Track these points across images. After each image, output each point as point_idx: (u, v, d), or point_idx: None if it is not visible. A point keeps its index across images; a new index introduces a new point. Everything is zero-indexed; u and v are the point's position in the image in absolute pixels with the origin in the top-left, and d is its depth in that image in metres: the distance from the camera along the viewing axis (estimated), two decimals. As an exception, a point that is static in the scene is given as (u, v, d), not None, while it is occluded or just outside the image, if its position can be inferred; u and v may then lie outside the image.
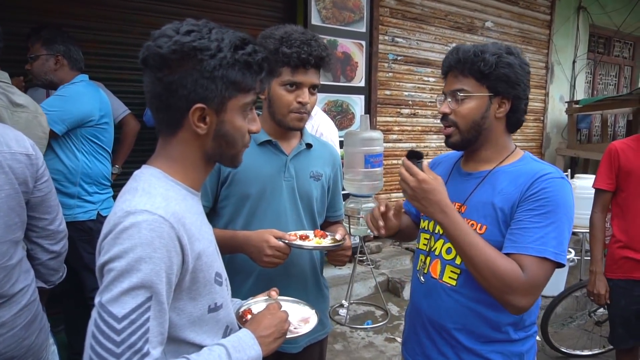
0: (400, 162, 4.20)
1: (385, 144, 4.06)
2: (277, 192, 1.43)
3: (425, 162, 1.18)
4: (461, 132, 1.25)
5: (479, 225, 1.23)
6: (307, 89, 1.37)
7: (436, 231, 1.34)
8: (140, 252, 0.75)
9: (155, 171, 0.88)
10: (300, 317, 1.15)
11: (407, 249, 4.69)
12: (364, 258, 4.06)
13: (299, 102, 1.36)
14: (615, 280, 2.25)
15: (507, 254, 1.15)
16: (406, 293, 3.90)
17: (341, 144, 3.81)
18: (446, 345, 1.29)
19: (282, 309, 1.02)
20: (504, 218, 1.20)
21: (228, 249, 1.34)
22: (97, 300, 0.76)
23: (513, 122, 1.29)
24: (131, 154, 2.99)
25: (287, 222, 1.44)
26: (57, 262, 1.51)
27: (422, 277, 1.38)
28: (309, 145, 1.50)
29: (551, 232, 1.13)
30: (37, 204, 1.36)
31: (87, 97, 2.24)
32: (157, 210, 0.79)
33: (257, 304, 1.15)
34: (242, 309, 1.11)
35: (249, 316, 1.06)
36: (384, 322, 3.52)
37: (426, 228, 1.40)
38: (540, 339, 3.36)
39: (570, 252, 3.95)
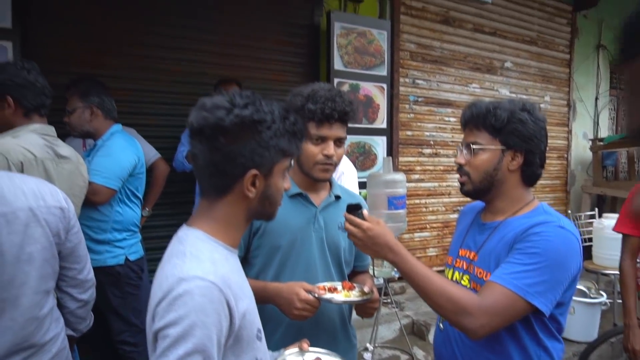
0: (423, 202, 4.19)
1: (407, 184, 4.08)
2: (307, 243, 1.46)
3: (365, 210, 1.26)
4: (473, 182, 1.32)
5: (485, 273, 1.27)
6: (332, 142, 1.42)
7: (454, 279, 1.38)
8: (194, 318, 0.78)
9: (199, 233, 0.93)
10: None
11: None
12: (388, 300, 4.00)
13: (325, 155, 1.41)
14: None
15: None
16: (431, 336, 3.80)
17: (363, 184, 3.87)
18: None
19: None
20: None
21: (259, 300, 1.36)
22: None
23: (528, 175, 1.32)
24: (160, 196, 3.09)
25: (316, 272, 1.46)
26: (85, 310, 1.54)
27: (441, 324, 1.43)
28: (337, 197, 1.54)
29: (530, 271, 1.14)
30: (68, 254, 1.41)
31: (129, 150, 2.35)
32: (208, 276, 0.82)
33: (291, 356, 1.17)
34: None
35: None
36: (410, 367, 3.43)
37: (445, 274, 1.44)
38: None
39: (602, 295, 3.82)
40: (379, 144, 4.21)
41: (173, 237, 0.97)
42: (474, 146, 1.30)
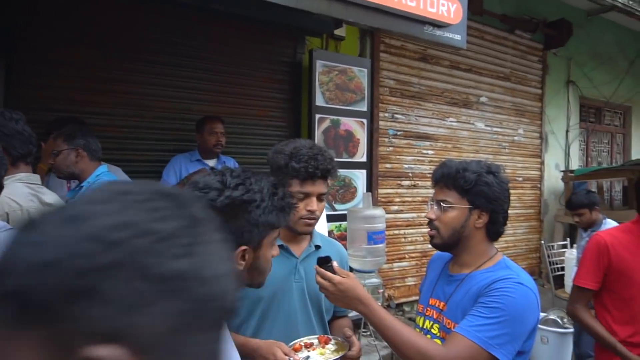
0: (402, 232, 4.28)
1: (387, 215, 4.18)
2: (288, 293, 1.51)
3: (335, 263, 1.32)
4: (442, 237, 1.43)
5: (453, 324, 1.35)
6: (315, 198, 1.50)
7: (425, 327, 1.47)
8: None
9: None
10: None
11: (410, 319, 4.67)
12: (367, 332, 4.05)
13: (308, 210, 1.48)
14: None
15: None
16: (411, 368, 3.86)
17: (344, 217, 3.93)
18: None
19: None
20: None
21: (240, 354, 1.42)
22: None
23: (493, 232, 1.44)
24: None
25: (296, 321, 1.52)
26: None
27: None
28: (317, 247, 1.62)
29: (492, 324, 1.24)
30: None
31: None
32: None
33: None
34: None
35: None
36: (389, 400, 3.46)
37: (416, 321, 1.53)
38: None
39: (569, 327, 3.94)
40: (359, 177, 4.32)
41: None
42: (443, 204, 1.42)
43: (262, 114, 3.94)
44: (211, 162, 3.33)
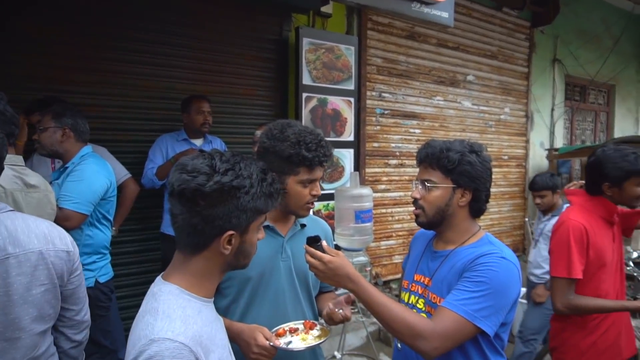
0: (389, 211, 4.32)
1: (374, 194, 4.21)
2: (276, 273, 1.53)
3: (324, 242, 1.34)
4: (427, 215, 1.46)
5: (439, 298, 1.39)
6: (318, 182, 1.51)
7: (410, 301, 1.51)
8: None
9: (173, 288, 0.98)
10: None
11: (397, 295, 4.76)
12: (355, 309, 4.12)
13: (313, 195, 1.49)
14: None
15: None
16: (397, 343, 3.95)
17: (331, 196, 3.95)
18: None
19: None
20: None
21: None
22: None
23: (475, 209, 1.48)
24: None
25: (285, 300, 1.53)
26: (78, 350, 1.55)
27: (399, 344, 1.55)
28: (303, 226, 1.63)
29: (477, 297, 1.28)
30: (68, 295, 1.42)
31: (102, 174, 2.35)
32: (178, 337, 0.88)
33: None
34: None
35: None
36: (376, 374, 3.55)
37: (401, 297, 1.57)
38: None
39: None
40: (347, 157, 4.32)
41: (148, 291, 1.02)
42: (428, 184, 1.45)
43: (248, 93, 3.90)
44: (198, 142, 3.30)
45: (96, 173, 2.32)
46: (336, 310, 1.48)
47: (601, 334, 1.97)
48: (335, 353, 3.77)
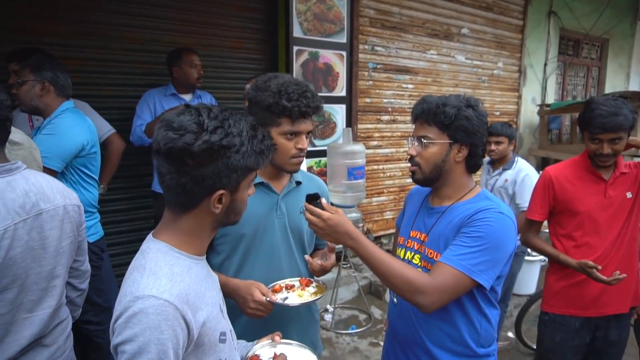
0: (381, 167, 4.29)
1: (366, 150, 4.18)
2: (270, 230, 1.51)
3: (323, 200, 1.32)
4: (423, 172, 1.44)
5: (436, 253, 1.41)
6: (304, 136, 1.46)
7: (406, 257, 1.51)
8: (148, 336, 0.83)
9: (162, 245, 0.96)
10: None
11: (388, 250, 4.83)
12: (347, 264, 4.18)
13: (298, 149, 1.45)
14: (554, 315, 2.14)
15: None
16: (388, 296, 4.05)
17: (324, 153, 3.90)
18: None
19: (282, 356, 1.13)
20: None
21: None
22: None
23: (472, 165, 1.46)
24: (117, 169, 3.01)
25: (279, 257, 1.53)
26: (81, 298, 1.64)
27: (395, 299, 1.57)
28: (298, 183, 1.60)
29: (475, 252, 1.30)
30: (78, 247, 1.50)
31: (77, 129, 2.23)
32: (163, 295, 0.86)
33: (263, 348, 1.25)
34: (249, 355, 1.20)
35: None
36: (368, 326, 3.66)
37: (397, 253, 1.57)
38: (513, 337, 3.56)
39: (536, 256, 4.16)
40: (339, 112, 4.25)
41: (139, 249, 1.00)
42: (424, 140, 1.42)
43: (236, 46, 3.74)
44: (187, 97, 3.19)
45: (70, 128, 2.20)
46: (315, 261, 1.50)
47: (575, 283, 2.07)
48: (328, 306, 3.86)
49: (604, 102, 1.92)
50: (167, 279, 0.90)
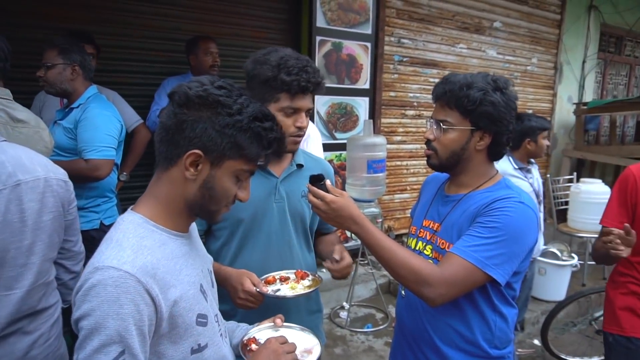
0: (404, 163, 4.15)
1: (389, 146, 4.05)
2: (269, 215, 1.45)
3: (328, 181, 1.25)
4: (440, 158, 1.34)
5: (448, 244, 1.30)
6: (304, 114, 1.40)
7: (417, 248, 1.41)
8: (106, 310, 0.77)
9: (137, 217, 0.91)
10: (304, 348, 1.16)
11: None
12: (365, 261, 4.07)
13: (298, 127, 1.38)
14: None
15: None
16: (407, 296, 3.93)
17: (344, 146, 3.82)
18: (424, 359, 1.37)
19: (282, 338, 1.06)
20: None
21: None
22: (74, 358, 0.79)
23: (494, 153, 1.34)
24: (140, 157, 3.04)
25: (278, 243, 1.47)
26: (75, 282, 1.55)
27: (403, 291, 1.48)
28: (299, 166, 1.52)
29: (490, 244, 1.19)
30: (68, 226, 1.43)
31: (113, 117, 2.32)
32: (123, 266, 0.80)
33: (261, 331, 1.18)
34: (245, 338, 1.15)
35: (253, 345, 1.10)
36: (384, 325, 3.55)
37: (408, 243, 1.48)
38: (539, 344, 3.38)
39: (574, 257, 3.94)
40: (361, 105, 4.15)
41: None
42: (444, 125, 1.30)
43: (258, 35, 3.69)
44: (204, 85, 3.17)
45: (108, 118, 2.28)
46: (334, 266, 1.40)
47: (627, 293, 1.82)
48: (344, 304, 3.77)
49: None
50: (131, 250, 0.84)
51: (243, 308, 1.32)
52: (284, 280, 1.40)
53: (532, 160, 3.00)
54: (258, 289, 1.30)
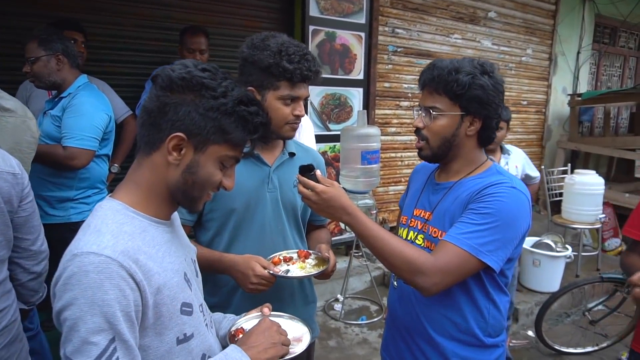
0: (399, 155, 4.10)
1: (383, 137, 4.01)
2: (261, 204, 1.42)
3: (318, 172, 1.23)
4: (431, 148, 1.31)
5: (440, 232, 1.29)
6: (302, 102, 1.38)
7: (409, 238, 1.39)
8: (90, 297, 0.74)
9: (116, 204, 0.87)
10: (293, 336, 1.14)
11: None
12: (360, 253, 4.05)
13: (296, 115, 1.36)
14: None
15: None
16: (402, 288, 3.92)
17: (338, 137, 3.78)
18: (418, 350, 1.36)
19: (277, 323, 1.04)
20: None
21: (214, 270, 1.36)
22: (62, 353, 0.74)
23: (484, 138, 1.33)
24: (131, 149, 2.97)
25: (271, 233, 1.44)
26: (38, 282, 1.48)
27: (395, 282, 1.46)
28: (292, 154, 1.49)
29: (483, 230, 1.18)
30: (21, 224, 1.35)
31: (101, 107, 2.26)
32: (104, 251, 0.77)
33: (249, 321, 1.15)
34: (233, 329, 1.12)
35: (241, 335, 1.07)
36: (379, 317, 3.54)
37: (399, 233, 1.46)
38: (533, 336, 3.38)
39: (568, 249, 3.94)
40: (355, 96, 4.10)
41: None
42: (433, 112, 1.28)
43: (250, 25, 3.63)
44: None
45: (95, 107, 2.21)
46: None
47: None
48: (338, 296, 3.76)
49: None
50: (111, 235, 0.80)
51: (254, 292, 1.31)
52: (288, 260, 1.39)
53: (505, 146, 2.99)
54: (270, 271, 1.28)
